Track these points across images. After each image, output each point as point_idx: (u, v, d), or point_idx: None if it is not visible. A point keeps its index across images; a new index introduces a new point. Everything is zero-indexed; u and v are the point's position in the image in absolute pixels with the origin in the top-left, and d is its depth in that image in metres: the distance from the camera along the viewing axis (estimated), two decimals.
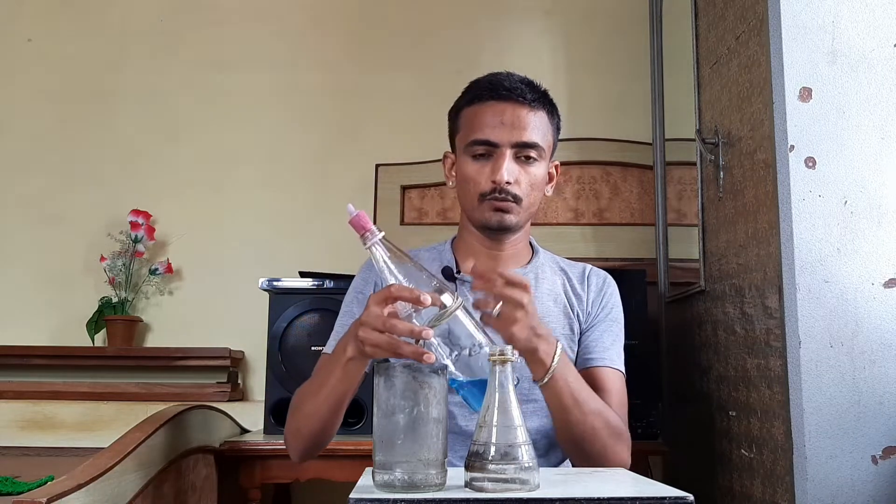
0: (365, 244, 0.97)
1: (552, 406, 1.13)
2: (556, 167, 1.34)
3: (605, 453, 1.14)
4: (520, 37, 2.49)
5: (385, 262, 0.97)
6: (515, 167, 1.24)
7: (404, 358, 0.95)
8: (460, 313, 0.97)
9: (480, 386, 0.93)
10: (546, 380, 1.09)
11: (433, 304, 0.95)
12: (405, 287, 0.96)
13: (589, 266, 1.38)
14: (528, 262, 1.34)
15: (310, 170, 2.44)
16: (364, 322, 0.98)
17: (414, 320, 0.97)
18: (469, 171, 1.26)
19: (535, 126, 1.25)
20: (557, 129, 1.32)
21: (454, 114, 1.33)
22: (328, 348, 1.27)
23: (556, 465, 1.28)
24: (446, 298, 0.97)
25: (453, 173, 1.33)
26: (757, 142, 1.47)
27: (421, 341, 0.95)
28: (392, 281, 0.97)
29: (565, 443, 1.18)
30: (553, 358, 1.08)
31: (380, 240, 0.97)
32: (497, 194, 1.23)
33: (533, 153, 1.25)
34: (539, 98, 1.27)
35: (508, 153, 1.23)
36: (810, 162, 1.35)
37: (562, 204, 2.36)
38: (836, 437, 1.28)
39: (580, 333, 1.31)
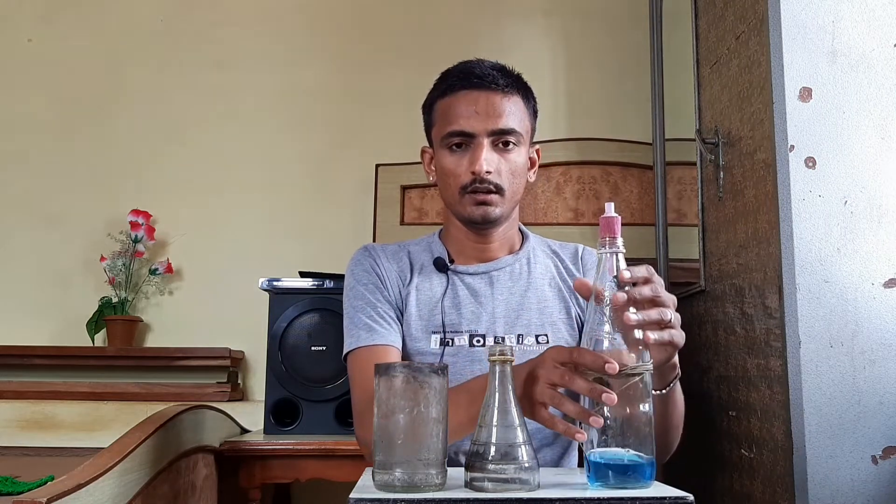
0: (606, 248, 0.91)
1: (669, 406, 1.08)
2: (537, 152, 1.33)
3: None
4: (520, 37, 2.49)
5: (608, 272, 0.90)
6: (494, 156, 1.22)
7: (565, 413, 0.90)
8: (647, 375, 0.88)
9: None
10: (675, 382, 1.03)
11: (620, 369, 0.84)
12: (588, 352, 0.87)
13: (581, 246, 1.37)
14: (520, 248, 1.33)
15: (310, 170, 2.45)
16: (543, 378, 0.91)
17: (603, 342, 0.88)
18: (447, 164, 1.24)
19: (511, 112, 1.23)
20: (534, 112, 1.29)
21: (428, 107, 1.31)
22: (350, 345, 1.22)
23: (556, 464, 1.28)
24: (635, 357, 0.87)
25: (433, 168, 1.31)
26: (757, 142, 1.47)
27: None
28: (606, 291, 0.89)
29: (664, 437, 1.12)
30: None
31: (622, 254, 0.91)
32: (478, 185, 1.21)
33: (511, 139, 1.23)
34: (512, 83, 1.25)
35: (486, 142, 1.21)
36: (810, 162, 1.35)
37: (562, 204, 2.36)
38: (836, 437, 1.28)
39: (580, 318, 1.30)
